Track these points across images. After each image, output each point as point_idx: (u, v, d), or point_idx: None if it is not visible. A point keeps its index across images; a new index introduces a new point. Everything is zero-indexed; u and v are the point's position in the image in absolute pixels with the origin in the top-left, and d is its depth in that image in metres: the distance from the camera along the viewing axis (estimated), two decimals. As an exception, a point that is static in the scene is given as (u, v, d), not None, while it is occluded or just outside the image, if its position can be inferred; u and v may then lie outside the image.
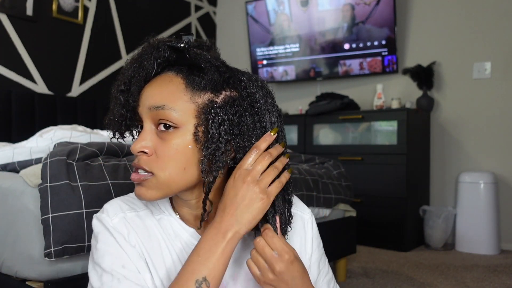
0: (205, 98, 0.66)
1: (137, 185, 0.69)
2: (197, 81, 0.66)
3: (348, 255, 2.23)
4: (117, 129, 0.71)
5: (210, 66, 0.67)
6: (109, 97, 0.72)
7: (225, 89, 0.67)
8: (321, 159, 2.23)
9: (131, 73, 0.69)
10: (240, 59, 4.31)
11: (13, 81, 2.94)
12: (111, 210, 0.72)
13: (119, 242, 0.69)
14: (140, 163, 0.67)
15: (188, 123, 0.65)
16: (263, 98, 0.69)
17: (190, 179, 0.67)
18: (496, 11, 3.06)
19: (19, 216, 1.19)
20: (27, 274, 1.16)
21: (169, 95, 0.65)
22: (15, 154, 1.47)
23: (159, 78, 0.68)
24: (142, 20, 3.77)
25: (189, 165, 0.66)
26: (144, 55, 0.68)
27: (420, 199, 3.16)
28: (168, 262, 0.72)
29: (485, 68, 3.08)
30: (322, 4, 3.58)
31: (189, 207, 0.73)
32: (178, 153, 0.65)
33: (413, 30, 3.40)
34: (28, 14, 2.99)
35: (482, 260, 2.69)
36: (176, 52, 0.68)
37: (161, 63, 0.68)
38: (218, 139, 0.64)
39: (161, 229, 0.73)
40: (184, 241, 0.73)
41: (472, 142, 3.14)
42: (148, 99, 0.67)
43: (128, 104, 0.69)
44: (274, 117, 0.70)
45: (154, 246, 0.72)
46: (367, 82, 3.59)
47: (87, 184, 1.15)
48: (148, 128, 0.67)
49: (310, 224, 0.84)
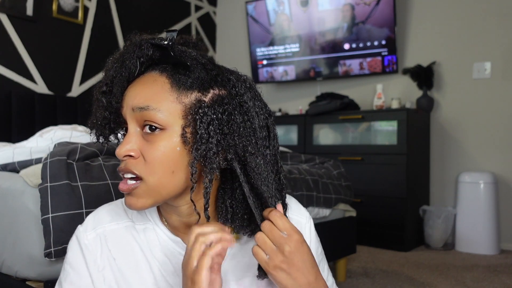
0: (192, 97, 0.63)
1: (126, 195, 0.65)
2: (183, 80, 0.63)
3: (348, 255, 2.23)
4: (101, 132, 0.68)
5: (196, 63, 0.64)
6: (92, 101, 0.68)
7: (213, 87, 0.64)
8: (321, 159, 2.23)
9: (113, 73, 0.65)
10: (240, 59, 4.31)
11: (13, 81, 2.94)
12: (91, 223, 0.72)
13: (87, 263, 0.69)
14: (128, 166, 0.63)
15: (174, 124, 0.62)
16: (251, 100, 0.65)
17: (179, 183, 0.64)
18: (496, 11, 3.06)
19: (19, 216, 1.19)
20: (27, 274, 1.16)
21: (154, 96, 0.62)
22: (15, 154, 1.47)
23: (143, 78, 0.65)
24: (142, 20, 3.77)
25: (177, 168, 0.63)
26: (126, 54, 0.65)
27: (420, 199, 3.16)
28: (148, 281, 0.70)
29: (485, 68, 3.09)
30: (322, 4, 3.58)
31: (178, 215, 0.69)
32: (166, 156, 0.62)
33: (413, 30, 3.40)
34: (28, 14, 2.99)
35: (482, 260, 2.69)
36: (160, 50, 0.64)
37: (144, 62, 0.65)
38: (208, 140, 0.61)
39: (145, 240, 0.71)
40: (170, 252, 0.71)
41: (472, 142, 3.14)
42: (132, 99, 0.63)
43: (111, 106, 0.66)
44: (263, 119, 0.66)
45: (130, 265, 0.70)
46: (367, 82, 3.59)
47: (87, 184, 1.15)
48: (133, 131, 0.64)
49: (307, 229, 0.79)
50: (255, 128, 0.64)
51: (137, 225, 0.72)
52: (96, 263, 0.69)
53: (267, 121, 0.67)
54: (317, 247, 0.80)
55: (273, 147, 0.68)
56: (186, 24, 4.17)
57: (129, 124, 0.64)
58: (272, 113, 0.70)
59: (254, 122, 0.64)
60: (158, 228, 0.72)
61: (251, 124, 0.64)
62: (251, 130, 0.64)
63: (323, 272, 0.80)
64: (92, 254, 0.69)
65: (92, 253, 0.69)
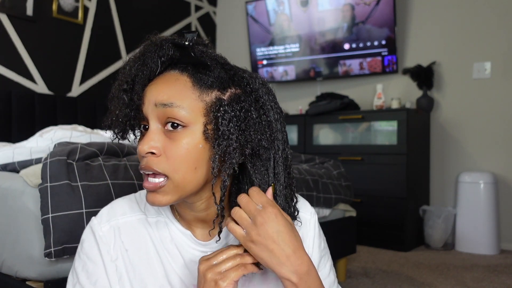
0: (212, 96, 0.65)
1: (150, 193, 0.66)
2: (204, 79, 0.65)
3: (348, 255, 2.23)
4: (121, 129, 0.69)
5: (216, 63, 0.67)
6: (108, 99, 0.69)
7: (230, 86, 0.67)
8: (321, 159, 2.23)
9: (134, 72, 0.67)
10: (240, 59, 4.31)
11: (13, 81, 2.94)
12: (105, 215, 0.73)
13: (102, 253, 0.70)
14: (149, 164, 0.64)
15: (196, 121, 0.64)
16: (266, 95, 0.68)
17: (201, 179, 0.66)
18: (496, 11, 3.06)
19: (19, 216, 1.19)
20: (27, 274, 1.16)
21: (177, 93, 0.64)
22: (15, 154, 1.47)
23: (164, 77, 0.66)
24: (142, 20, 3.77)
25: (199, 165, 0.65)
26: (147, 53, 0.67)
27: (420, 199, 3.16)
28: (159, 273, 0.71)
29: (485, 68, 3.09)
30: (322, 4, 3.58)
31: (193, 210, 0.71)
32: (189, 153, 0.64)
33: (413, 30, 3.40)
34: (28, 14, 2.99)
35: (482, 260, 2.69)
36: (181, 50, 0.67)
37: (165, 61, 0.67)
38: (228, 136, 0.63)
39: (157, 233, 0.73)
40: (180, 245, 0.73)
41: (472, 142, 3.14)
42: (155, 96, 0.65)
43: (133, 103, 0.67)
44: (277, 113, 0.69)
45: (142, 257, 0.71)
46: (367, 82, 3.59)
47: (87, 184, 1.15)
48: (155, 128, 0.65)
49: (312, 224, 0.81)
50: (270, 121, 0.67)
51: (150, 218, 0.74)
52: (109, 253, 0.71)
53: (280, 116, 0.70)
54: (320, 242, 0.81)
55: (285, 142, 0.71)
56: (186, 24, 4.17)
57: (151, 121, 0.66)
58: (284, 113, 0.73)
59: (270, 115, 0.67)
60: (169, 221, 0.74)
61: (266, 117, 0.67)
62: (266, 124, 0.67)
63: (324, 268, 0.82)
64: (106, 245, 0.71)
65: (106, 244, 0.71)
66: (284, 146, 0.70)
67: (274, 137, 0.68)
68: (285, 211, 0.69)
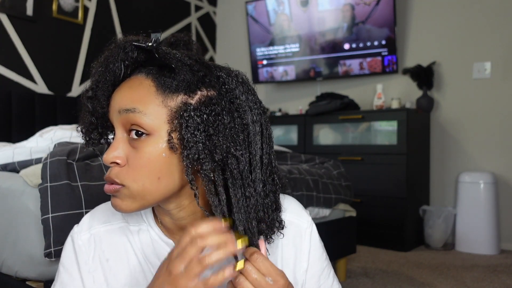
0: (178, 100, 0.60)
1: (112, 197, 0.64)
2: (168, 82, 0.60)
3: (348, 255, 2.23)
4: (89, 137, 0.66)
5: (181, 65, 0.61)
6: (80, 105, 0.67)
7: (200, 88, 0.61)
8: (321, 159, 2.23)
9: (97, 78, 0.63)
10: (240, 59, 4.31)
11: (13, 81, 2.94)
12: (86, 223, 0.72)
13: (79, 264, 0.70)
14: (111, 175, 0.61)
15: (160, 129, 0.60)
16: (243, 94, 0.63)
17: (165, 189, 0.62)
18: (496, 11, 3.06)
19: (19, 216, 1.19)
20: (27, 274, 1.16)
21: (140, 99, 0.60)
22: (15, 154, 1.47)
23: (129, 81, 0.63)
24: (142, 20, 3.77)
25: (163, 175, 0.61)
26: (110, 57, 0.62)
27: (420, 199, 3.16)
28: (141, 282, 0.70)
29: (485, 68, 3.08)
30: (322, 4, 3.58)
31: (170, 217, 0.68)
32: (151, 162, 0.60)
33: (413, 30, 3.40)
34: (28, 14, 2.99)
35: (482, 260, 2.69)
36: (145, 52, 0.62)
37: (129, 64, 0.63)
38: (195, 143, 0.59)
39: (139, 242, 0.71)
40: (163, 254, 0.69)
41: (472, 142, 3.14)
42: (118, 102, 0.61)
43: (97, 111, 0.64)
44: (257, 114, 0.63)
45: (123, 266, 0.70)
46: (367, 82, 3.59)
47: (87, 184, 1.15)
48: (120, 136, 0.62)
49: (308, 235, 0.75)
50: (246, 124, 0.62)
51: (131, 226, 0.72)
52: (88, 264, 0.69)
53: (260, 117, 0.64)
54: (321, 253, 0.78)
55: (267, 145, 0.65)
56: (186, 24, 4.17)
57: (116, 129, 0.63)
58: (267, 111, 0.68)
59: (246, 117, 0.62)
60: (152, 229, 0.71)
61: (241, 120, 0.61)
62: (240, 128, 0.61)
63: (328, 278, 0.78)
64: (84, 255, 0.69)
65: (85, 254, 0.69)
66: (267, 150, 0.64)
67: (250, 141, 0.62)
68: (262, 221, 0.64)
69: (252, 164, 0.62)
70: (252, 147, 0.62)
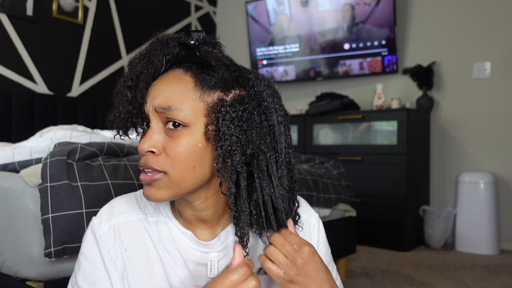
0: (214, 97, 0.65)
1: (146, 186, 0.67)
2: (207, 79, 0.65)
3: (348, 255, 2.23)
4: (122, 126, 0.68)
5: (220, 64, 0.66)
6: (113, 94, 0.70)
7: (235, 88, 0.66)
8: (321, 159, 2.23)
9: (139, 69, 0.67)
10: (240, 59, 4.30)
11: (13, 81, 2.94)
12: (105, 214, 0.73)
13: (102, 253, 0.70)
14: (148, 162, 0.65)
15: (197, 121, 0.64)
16: (270, 97, 0.68)
17: (199, 178, 0.66)
18: (496, 11, 3.06)
19: (19, 216, 1.19)
20: (27, 274, 1.16)
21: (177, 95, 0.64)
22: (15, 154, 1.47)
23: (168, 76, 0.66)
24: (142, 20, 3.77)
25: (198, 164, 0.65)
26: (153, 51, 0.66)
27: (420, 199, 3.16)
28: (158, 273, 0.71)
29: (485, 68, 3.08)
30: (322, 4, 3.58)
31: (193, 209, 0.71)
32: (188, 152, 0.64)
33: (413, 30, 3.40)
34: (28, 14, 2.99)
35: (482, 260, 2.69)
36: (186, 49, 0.67)
37: (170, 59, 0.67)
38: (230, 136, 0.63)
39: (157, 233, 0.72)
40: (181, 245, 0.72)
41: (472, 142, 3.14)
42: (155, 98, 0.65)
43: (136, 101, 0.67)
44: (281, 116, 0.69)
45: (141, 256, 0.71)
46: (367, 82, 3.59)
47: (87, 184, 1.15)
48: (155, 126, 0.66)
49: (316, 229, 0.81)
50: (273, 125, 0.67)
51: (149, 218, 0.74)
52: (110, 253, 0.71)
53: (284, 119, 0.70)
54: (327, 249, 0.83)
55: (288, 145, 0.71)
56: (186, 24, 4.17)
57: (152, 120, 0.66)
58: (288, 114, 0.73)
59: (272, 119, 0.67)
60: (170, 221, 0.74)
61: (268, 122, 0.67)
62: (267, 128, 0.67)
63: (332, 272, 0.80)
64: (106, 245, 0.71)
65: (107, 243, 0.71)
66: (288, 149, 0.70)
67: (276, 140, 0.68)
68: (288, 215, 0.70)
69: (278, 161, 0.68)
70: (278, 146, 0.68)
